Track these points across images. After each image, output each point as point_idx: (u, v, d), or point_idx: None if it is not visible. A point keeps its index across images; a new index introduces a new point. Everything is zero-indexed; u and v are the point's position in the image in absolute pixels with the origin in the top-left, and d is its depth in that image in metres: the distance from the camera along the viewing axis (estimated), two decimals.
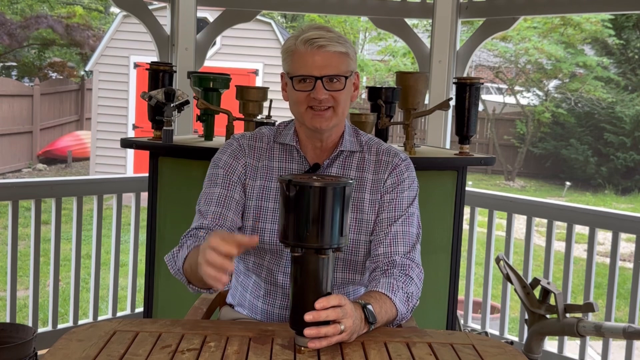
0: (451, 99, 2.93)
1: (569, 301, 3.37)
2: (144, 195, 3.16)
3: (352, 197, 1.74)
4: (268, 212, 1.76)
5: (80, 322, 3.45)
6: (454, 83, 2.99)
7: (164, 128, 2.72)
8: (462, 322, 3.59)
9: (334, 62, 1.67)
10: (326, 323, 1.40)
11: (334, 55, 1.67)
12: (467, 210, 3.51)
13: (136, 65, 10.19)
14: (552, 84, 14.88)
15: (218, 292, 2.02)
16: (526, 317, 2.60)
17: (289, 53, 1.70)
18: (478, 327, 3.70)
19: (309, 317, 1.38)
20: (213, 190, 1.76)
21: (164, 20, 3.68)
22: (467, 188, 2.96)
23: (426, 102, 3.53)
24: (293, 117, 1.81)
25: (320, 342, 1.40)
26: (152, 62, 2.99)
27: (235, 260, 1.88)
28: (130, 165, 10.26)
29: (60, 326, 3.39)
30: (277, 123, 1.91)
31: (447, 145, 3.68)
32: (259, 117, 2.89)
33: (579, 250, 6.69)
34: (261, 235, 1.76)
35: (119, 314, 3.65)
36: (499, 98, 15.88)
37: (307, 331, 1.39)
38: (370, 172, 1.79)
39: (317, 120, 1.70)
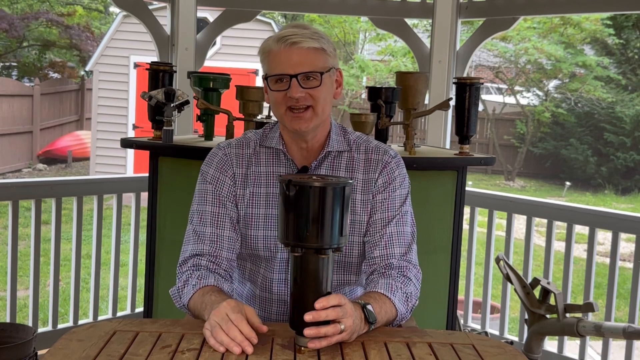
0: (451, 99, 2.93)
1: (569, 301, 3.37)
2: (144, 195, 3.16)
3: (353, 199, 1.73)
4: (260, 218, 1.73)
5: (80, 322, 3.45)
6: (454, 83, 2.99)
7: (164, 128, 2.71)
8: (462, 322, 3.59)
9: (308, 59, 1.63)
10: (326, 323, 1.40)
11: (308, 52, 1.63)
12: (467, 210, 3.50)
13: (136, 65, 10.19)
14: (552, 84, 14.88)
15: None
16: (526, 317, 2.60)
17: (265, 54, 1.68)
18: (478, 327, 3.70)
19: (308, 317, 1.38)
20: (205, 209, 1.72)
21: (164, 20, 3.67)
22: (467, 188, 2.95)
23: (426, 102, 3.52)
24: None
25: (320, 342, 1.40)
26: (152, 62, 2.99)
27: None
28: (130, 165, 10.26)
29: (60, 326, 3.39)
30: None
31: (447, 145, 3.68)
32: (259, 117, 2.89)
33: (579, 250, 6.69)
34: (254, 243, 1.74)
35: (119, 314, 3.65)
36: (499, 98, 15.88)
37: (307, 331, 1.38)
38: (361, 171, 1.75)
39: (297, 122, 1.65)
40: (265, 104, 2.88)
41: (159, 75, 2.93)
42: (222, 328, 1.41)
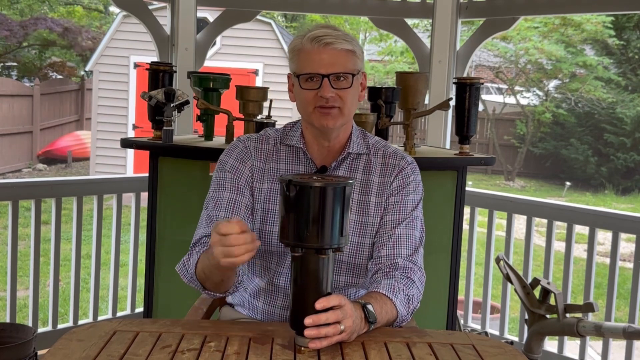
0: (451, 99, 2.93)
1: (569, 301, 3.37)
2: (144, 195, 3.16)
3: (352, 197, 1.74)
4: (275, 214, 1.75)
5: (80, 322, 3.45)
6: (454, 83, 2.99)
7: (164, 128, 2.72)
8: (462, 322, 3.59)
9: (341, 60, 1.66)
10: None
11: (340, 53, 1.66)
12: (467, 210, 3.50)
13: (136, 65, 10.19)
14: (552, 84, 14.88)
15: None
16: (526, 317, 2.61)
17: (296, 52, 1.69)
18: (478, 327, 3.70)
19: (308, 320, 1.38)
20: (222, 195, 1.73)
21: (164, 20, 3.67)
22: (467, 188, 2.96)
23: (426, 102, 3.52)
24: (299, 118, 1.80)
25: (320, 342, 1.40)
26: (152, 62, 2.99)
27: None
28: (130, 165, 10.26)
29: (60, 326, 3.39)
30: (283, 124, 1.91)
31: (447, 145, 3.68)
32: (259, 117, 2.89)
33: (579, 250, 6.69)
34: (269, 238, 1.75)
35: (119, 314, 3.65)
36: (499, 98, 15.88)
37: (307, 332, 1.39)
38: (377, 175, 1.78)
39: (325, 118, 1.68)
40: (265, 104, 2.89)
41: (159, 75, 2.93)
42: (223, 242, 1.41)
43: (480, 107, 14.15)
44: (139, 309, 3.61)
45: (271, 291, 1.79)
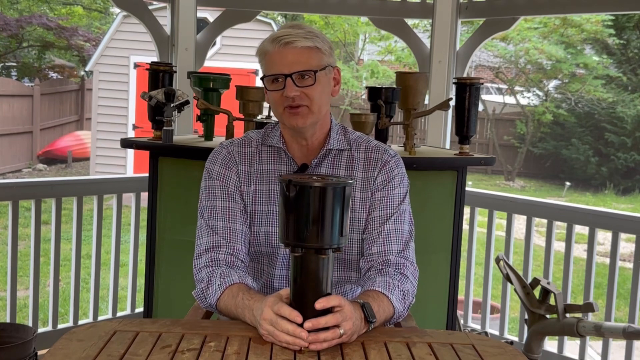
0: (451, 99, 2.93)
1: (569, 301, 3.37)
2: (144, 195, 3.16)
3: (352, 197, 1.74)
4: (262, 215, 1.75)
5: (80, 322, 3.45)
6: (454, 83, 2.99)
7: (164, 128, 2.72)
8: (462, 322, 3.59)
9: (302, 58, 1.66)
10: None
11: (302, 51, 1.66)
12: (467, 210, 3.50)
13: (136, 65, 10.19)
14: (552, 84, 14.88)
15: None
16: (526, 317, 2.61)
17: (262, 55, 1.72)
18: (478, 327, 3.70)
19: (308, 324, 1.39)
20: (215, 204, 1.74)
21: (164, 20, 3.67)
22: (467, 188, 2.95)
23: (426, 102, 3.52)
24: None
25: (321, 344, 1.41)
26: (152, 62, 2.99)
27: None
28: (130, 165, 10.26)
29: (60, 326, 3.39)
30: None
31: (447, 145, 3.68)
32: (259, 117, 2.89)
33: (579, 250, 6.69)
34: (257, 239, 1.75)
35: (119, 314, 3.65)
36: (499, 98, 15.88)
37: (307, 337, 1.39)
38: (360, 170, 1.78)
39: (294, 118, 1.68)
40: (266, 104, 2.89)
41: (159, 75, 2.93)
42: (275, 337, 1.43)
43: (480, 107, 14.15)
44: (139, 309, 3.61)
45: (267, 294, 1.79)
